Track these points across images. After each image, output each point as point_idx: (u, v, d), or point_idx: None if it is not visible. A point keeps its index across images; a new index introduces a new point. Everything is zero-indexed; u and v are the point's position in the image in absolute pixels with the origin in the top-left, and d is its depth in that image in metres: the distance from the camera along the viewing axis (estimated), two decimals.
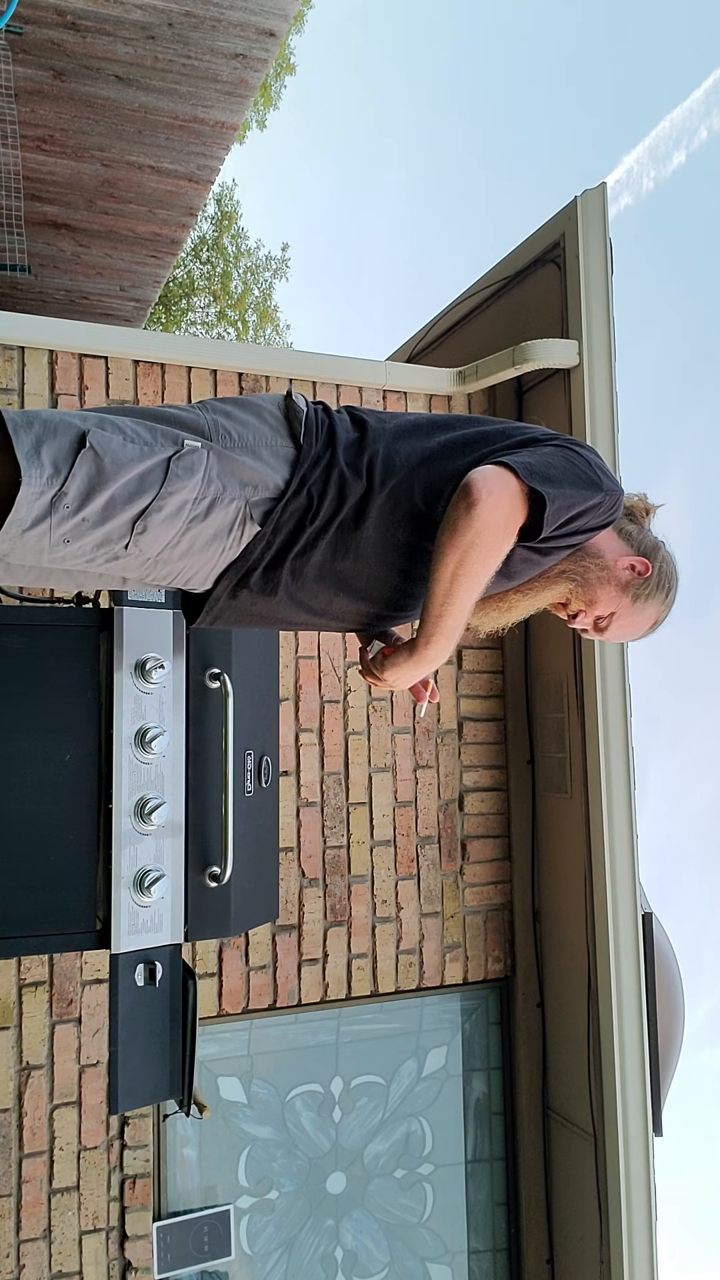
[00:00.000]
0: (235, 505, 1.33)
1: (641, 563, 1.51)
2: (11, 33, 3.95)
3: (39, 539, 1.26)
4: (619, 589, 1.51)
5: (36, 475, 1.21)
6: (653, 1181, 3.04)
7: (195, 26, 4.04)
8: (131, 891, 1.78)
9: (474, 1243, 3.40)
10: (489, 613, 1.55)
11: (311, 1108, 3.21)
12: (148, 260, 5.86)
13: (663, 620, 1.58)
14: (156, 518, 1.28)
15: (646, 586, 1.52)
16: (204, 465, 1.31)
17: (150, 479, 1.27)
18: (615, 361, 3.22)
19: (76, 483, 1.23)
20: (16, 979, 2.72)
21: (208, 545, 1.35)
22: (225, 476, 1.33)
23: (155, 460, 1.28)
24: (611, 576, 1.50)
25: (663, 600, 1.55)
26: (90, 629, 1.82)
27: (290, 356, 3.48)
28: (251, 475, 1.35)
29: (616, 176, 50.24)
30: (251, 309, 13.79)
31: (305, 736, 3.17)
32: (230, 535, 1.35)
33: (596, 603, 1.51)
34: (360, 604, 1.46)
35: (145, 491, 1.27)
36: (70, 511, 1.24)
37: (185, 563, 1.36)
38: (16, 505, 1.21)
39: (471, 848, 3.40)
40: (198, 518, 1.31)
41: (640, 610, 1.54)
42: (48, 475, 1.22)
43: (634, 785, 3.11)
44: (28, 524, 1.23)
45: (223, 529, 1.34)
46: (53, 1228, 2.72)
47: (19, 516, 1.22)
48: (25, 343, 2.85)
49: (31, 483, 1.21)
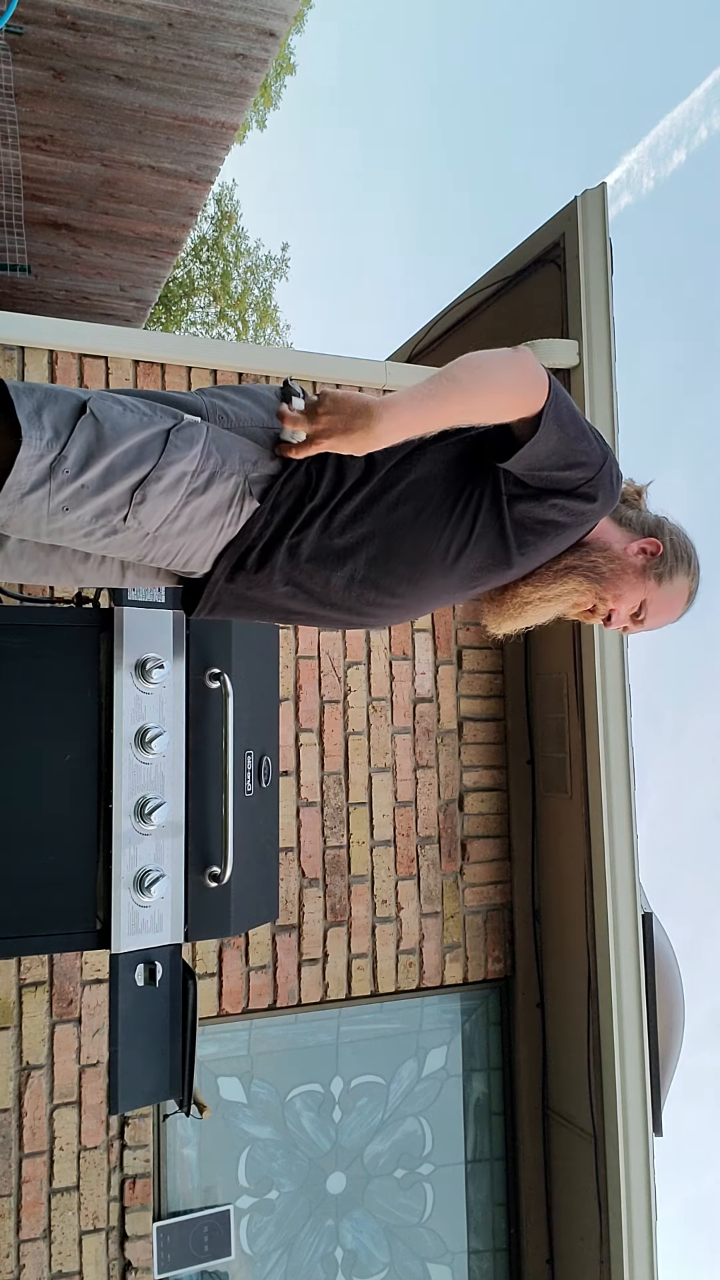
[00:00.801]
0: (234, 480, 1.33)
1: (650, 543, 1.50)
2: (11, 33, 3.95)
3: (38, 504, 1.25)
4: (638, 575, 1.49)
5: (37, 438, 1.22)
6: (653, 1181, 3.04)
7: (195, 26, 4.04)
8: (131, 891, 1.78)
9: (474, 1243, 3.40)
10: (501, 610, 1.53)
11: (311, 1108, 3.21)
12: (148, 260, 5.86)
13: (696, 591, 1.56)
14: (155, 488, 1.28)
15: (664, 564, 1.50)
16: (203, 438, 1.31)
17: (149, 448, 1.28)
18: (615, 361, 3.22)
19: (76, 447, 1.24)
20: (16, 979, 2.72)
21: (206, 521, 1.34)
22: (224, 451, 1.33)
23: (154, 430, 1.29)
24: (626, 565, 1.49)
25: (687, 571, 1.53)
26: (90, 629, 1.82)
27: (290, 356, 3.48)
28: (250, 452, 1.35)
29: (616, 176, 50.26)
30: (251, 309, 13.79)
31: (305, 736, 3.17)
32: (229, 511, 1.35)
33: (622, 597, 1.49)
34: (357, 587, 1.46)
35: (144, 460, 1.27)
36: (70, 476, 1.24)
37: (184, 539, 1.35)
38: (16, 466, 1.21)
39: (471, 848, 3.40)
40: (196, 490, 1.31)
41: (669, 589, 1.52)
42: (48, 438, 1.23)
43: (634, 785, 3.11)
44: (27, 487, 1.23)
45: (221, 504, 1.34)
46: (53, 1228, 2.72)
47: (19, 479, 1.22)
48: (25, 343, 2.85)
49: (32, 444, 1.21)
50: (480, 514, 1.41)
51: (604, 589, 1.49)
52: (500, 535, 1.41)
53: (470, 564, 1.44)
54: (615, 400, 3.22)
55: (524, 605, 1.51)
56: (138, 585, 1.56)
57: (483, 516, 1.41)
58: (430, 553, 1.42)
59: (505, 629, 1.56)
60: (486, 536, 1.42)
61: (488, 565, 1.44)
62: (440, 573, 1.44)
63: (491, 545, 1.42)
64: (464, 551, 1.43)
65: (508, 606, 1.52)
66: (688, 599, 1.55)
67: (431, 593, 1.47)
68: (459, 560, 1.43)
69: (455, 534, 1.41)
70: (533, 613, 1.52)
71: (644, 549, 1.50)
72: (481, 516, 1.41)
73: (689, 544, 1.54)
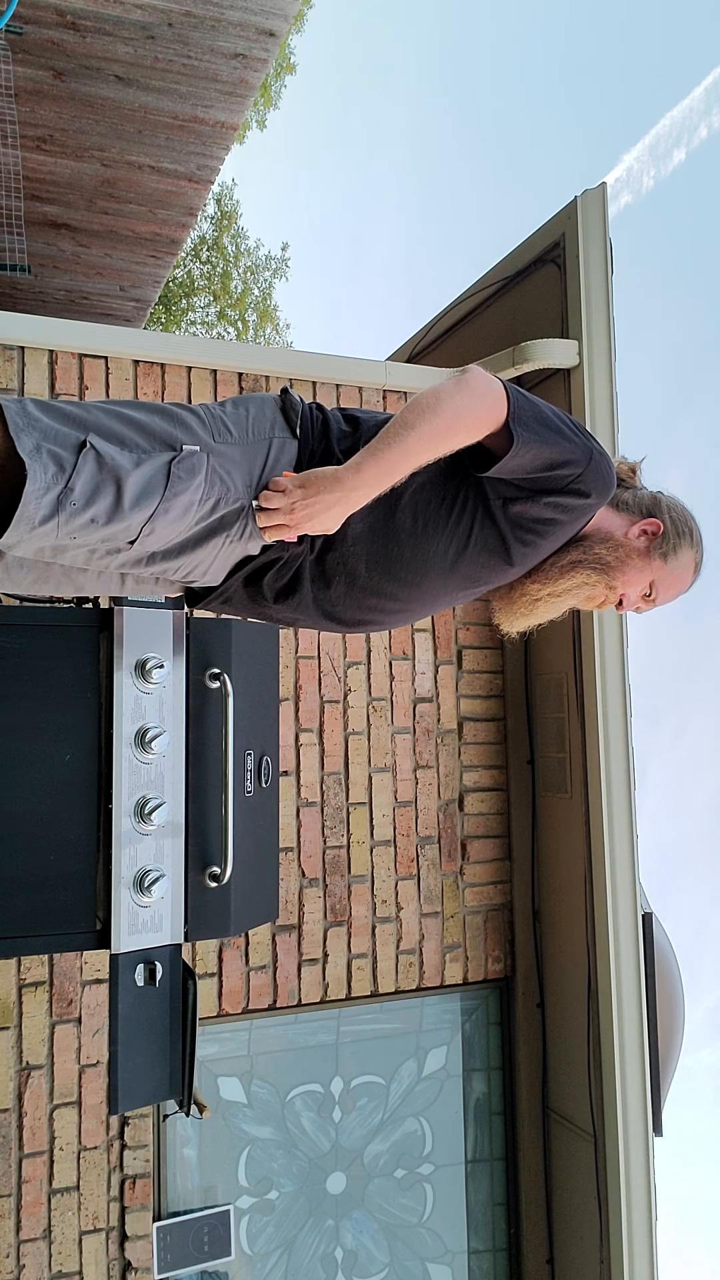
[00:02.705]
0: (239, 504, 1.35)
1: (651, 523, 1.51)
2: (11, 33, 3.95)
3: (46, 535, 1.26)
4: (643, 557, 1.50)
5: (41, 471, 1.22)
6: (653, 1181, 3.04)
7: (195, 26, 4.04)
8: (131, 891, 1.78)
9: (474, 1243, 3.40)
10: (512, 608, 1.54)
11: (311, 1108, 3.21)
12: (148, 260, 5.86)
13: (701, 561, 1.57)
14: (164, 520, 1.30)
15: (667, 541, 1.51)
16: (204, 467, 1.32)
17: (153, 484, 1.28)
18: (615, 361, 3.22)
19: (81, 480, 1.24)
20: (16, 979, 2.72)
21: (208, 539, 1.36)
22: (228, 476, 1.34)
23: (156, 464, 1.29)
24: (630, 550, 1.50)
25: (691, 543, 1.53)
26: (90, 629, 1.82)
27: (290, 356, 3.48)
28: (251, 475, 1.36)
29: (617, 175, 50.28)
30: (251, 309, 13.79)
31: (305, 736, 3.17)
32: (235, 529, 1.36)
33: (630, 581, 1.50)
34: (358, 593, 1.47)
35: (150, 495, 1.28)
36: (78, 509, 1.25)
37: (184, 559, 1.37)
38: (25, 500, 1.22)
39: (471, 848, 3.39)
40: (203, 517, 1.33)
41: (675, 565, 1.52)
42: (52, 472, 1.23)
43: (634, 785, 3.11)
44: (37, 521, 1.24)
45: (226, 524, 1.35)
46: (53, 1228, 2.72)
47: (28, 513, 1.23)
48: (25, 343, 2.85)
49: (36, 478, 1.22)
50: (477, 516, 1.42)
51: (612, 577, 1.49)
52: (498, 536, 1.42)
53: (471, 565, 1.45)
54: (615, 400, 3.22)
55: (534, 603, 1.51)
56: (137, 593, 1.56)
57: (479, 519, 1.42)
58: (430, 557, 1.43)
59: (518, 627, 1.57)
60: (484, 538, 1.43)
61: (488, 565, 1.46)
62: (441, 575, 1.46)
63: (490, 546, 1.43)
64: (463, 553, 1.44)
65: (518, 605, 1.53)
66: (695, 570, 1.57)
67: (433, 595, 1.48)
68: (459, 562, 1.44)
69: (454, 537, 1.43)
70: (544, 609, 1.52)
71: (645, 530, 1.51)
72: (478, 519, 1.42)
73: (688, 516, 1.55)
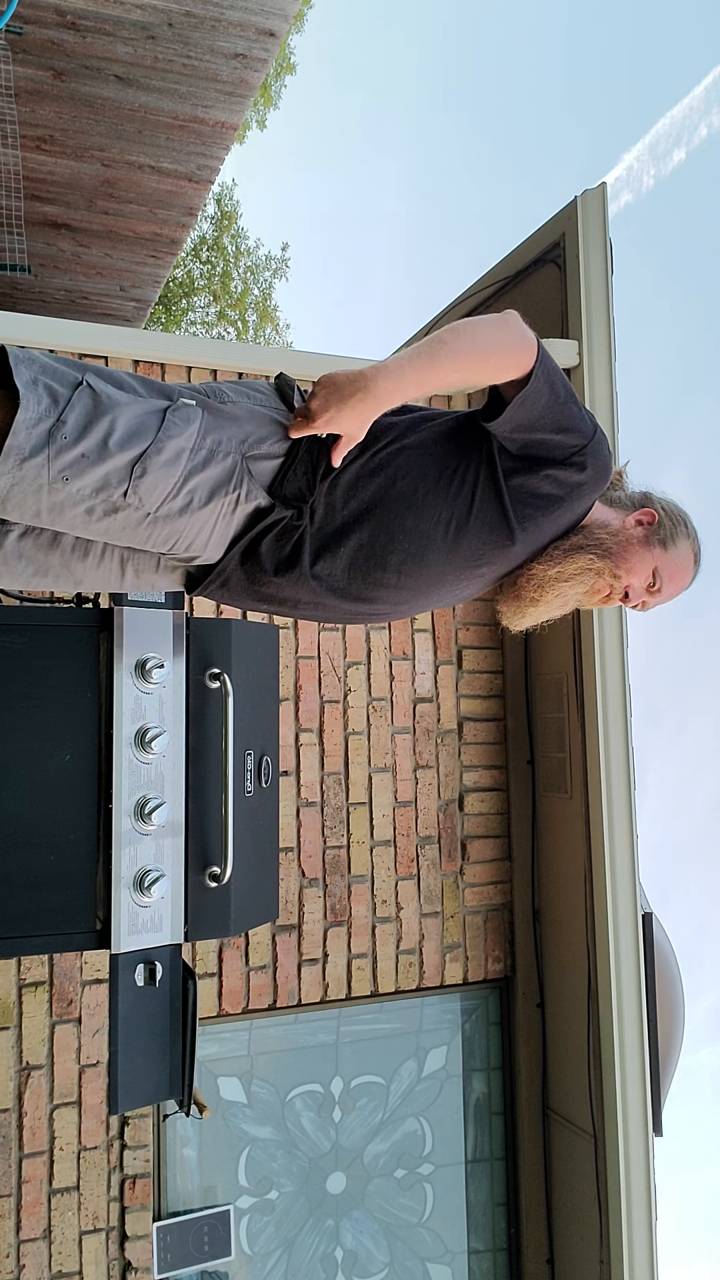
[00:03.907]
0: (232, 459, 1.35)
1: (645, 513, 1.54)
2: (11, 33, 3.95)
3: (38, 471, 1.26)
4: (643, 545, 1.53)
5: (34, 401, 1.23)
6: (653, 1181, 3.04)
7: (195, 26, 4.04)
8: (131, 891, 1.78)
9: (474, 1243, 3.40)
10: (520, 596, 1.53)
11: (311, 1108, 3.21)
12: (148, 260, 5.86)
13: (700, 552, 1.59)
14: (155, 460, 1.29)
15: (663, 529, 1.54)
16: (199, 418, 1.33)
17: (147, 423, 1.29)
18: (615, 361, 3.22)
19: (75, 414, 1.25)
20: (16, 979, 2.72)
21: (206, 501, 1.35)
22: (221, 432, 1.35)
23: (151, 407, 1.31)
24: (629, 537, 1.52)
25: (687, 533, 1.56)
26: (90, 629, 1.82)
27: (290, 356, 3.48)
28: (246, 434, 1.37)
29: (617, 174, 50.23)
30: (251, 309, 13.79)
31: (305, 736, 3.17)
32: (230, 491, 1.36)
33: (633, 569, 1.52)
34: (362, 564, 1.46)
35: (143, 434, 1.29)
36: (69, 442, 1.25)
37: (185, 521, 1.36)
38: (15, 429, 1.22)
39: (471, 848, 3.40)
40: (196, 468, 1.32)
41: (675, 554, 1.55)
42: (45, 404, 1.24)
43: (634, 785, 3.11)
44: (26, 451, 1.24)
45: (221, 482, 1.35)
46: (53, 1228, 2.72)
47: (17, 442, 1.23)
48: (25, 343, 2.85)
49: (29, 408, 1.23)
50: (478, 488, 1.43)
51: (615, 564, 1.50)
52: (500, 509, 1.43)
53: (473, 542, 1.45)
54: (615, 400, 3.22)
55: (541, 587, 1.50)
56: (138, 588, 1.55)
57: (480, 491, 1.43)
58: (431, 529, 1.43)
59: (527, 619, 1.56)
60: (486, 511, 1.43)
61: (490, 542, 1.45)
62: (443, 551, 1.44)
63: (492, 520, 1.43)
64: (465, 527, 1.43)
65: (525, 591, 1.52)
66: (695, 561, 1.58)
67: (437, 573, 1.47)
68: (460, 537, 1.44)
69: (454, 509, 1.43)
70: (551, 595, 1.51)
71: (640, 520, 1.54)
72: (479, 491, 1.43)
73: (680, 508, 1.58)
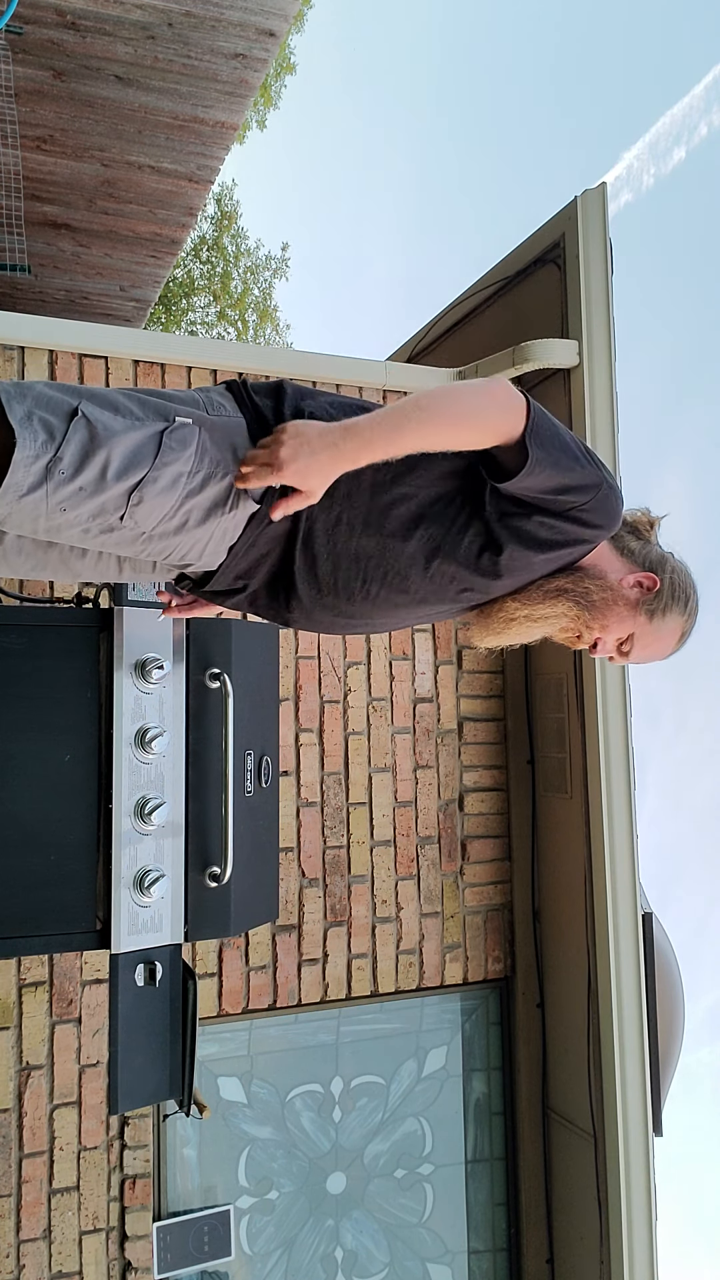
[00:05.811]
0: (229, 480, 1.33)
1: (648, 578, 1.47)
2: (11, 33, 3.95)
3: (35, 505, 1.26)
4: (629, 609, 1.46)
5: (30, 439, 1.23)
6: (653, 1181, 3.04)
7: (195, 26, 4.04)
8: (131, 891, 1.78)
9: (474, 1243, 3.40)
10: (487, 623, 1.51)
11: (311, 1108, 3.21)
12: (148, 260, 5.86)
13: (689, 632, 1.52)
14: (152, 489, 1.29)
15: (659, 601, 1.47)
16: (196, 439, 1.31)
17: (144, 451, 1.28)
18: (615, 361, 3.22)
19: (71, 448, 1.24)
20: (16, 979, 2.72)
21: (203, 520, 1.34)
22: (219, 450, 1.33)
23: (148, 432, 1.29)
24: (618, 597, 1.46)
25: (682, 611, 1.49)
26: (90, 629, 1.82)
27: (290, 356, 3.48)
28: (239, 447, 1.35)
29: (617, 173, 50.21)
30: (251, 309, 13.80)
31: (305, 736, 3.17)
32: (226, 510, 1.35)
33: (609, 627, 1.46)
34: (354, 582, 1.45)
35: (140, 463, 1.28)
36: (66, 477, 1.25)
37: (180, 538, 1.36)
38: (12, 468, 1.22)
39: (471, 848, 3.40)
40: (193, 491, 1.32)
41: (659, 627, 1.48)
42: (42, 440, 1.23)
43: (634, 785, 3.11)
44: (24, 489, 1.24)
45: (218, 502, 1.34)
46: (53, 1228, 2.72)
47: (15, 480, 1.23)
48: (25, 343, 2.85)
49: (26, 445, 1.22)
50: (472, 522, 1.40)
51: (592, 617, 1.46)
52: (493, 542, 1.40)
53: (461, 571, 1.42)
54: (615, 400, 3.22)
55: (509, 622, 1.48)
56: (135, 580, 1.55)
57: (474, 524, 1.40)
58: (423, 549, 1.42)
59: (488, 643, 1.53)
60: (476, 543, 1.40)
61: (479, 569, 1.43)
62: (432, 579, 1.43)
63: (482, 552, 1.41)
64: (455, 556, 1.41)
65: (493, 621, 1.49)
66: (679, 639, 1.53)
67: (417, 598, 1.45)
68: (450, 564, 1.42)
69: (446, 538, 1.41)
70: (517, 630, 1.49)
71: (640, 583, 1.47)
72: (473, 524, 1.40)
73: (690, 584, 1.50)
